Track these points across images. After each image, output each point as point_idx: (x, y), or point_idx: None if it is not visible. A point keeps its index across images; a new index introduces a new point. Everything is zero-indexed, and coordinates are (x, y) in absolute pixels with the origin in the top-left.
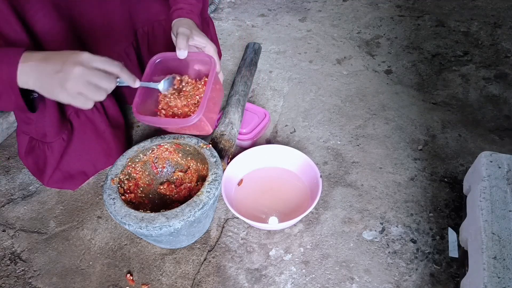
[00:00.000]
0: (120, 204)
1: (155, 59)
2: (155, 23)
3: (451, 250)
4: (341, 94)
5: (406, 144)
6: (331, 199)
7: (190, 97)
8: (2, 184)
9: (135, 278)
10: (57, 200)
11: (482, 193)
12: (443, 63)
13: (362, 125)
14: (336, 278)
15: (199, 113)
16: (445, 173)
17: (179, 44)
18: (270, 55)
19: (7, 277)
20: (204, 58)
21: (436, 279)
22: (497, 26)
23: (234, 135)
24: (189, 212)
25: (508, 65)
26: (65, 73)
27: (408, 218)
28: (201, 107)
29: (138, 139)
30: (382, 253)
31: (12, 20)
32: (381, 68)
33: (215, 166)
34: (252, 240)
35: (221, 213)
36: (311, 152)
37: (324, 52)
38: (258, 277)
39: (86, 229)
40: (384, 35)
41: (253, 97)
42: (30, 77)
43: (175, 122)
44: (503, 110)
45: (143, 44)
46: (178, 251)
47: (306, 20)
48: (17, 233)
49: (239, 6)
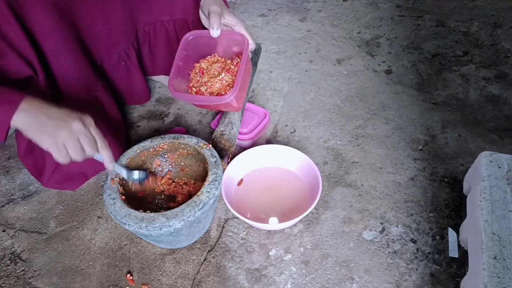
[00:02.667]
0: (120, 204)
1: (187, 36)
2: (157, 23)
3: (451, 250)
4: (341, 94)
5: (406, 144)
6: (331, 199)
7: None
8: (2, 184)
9: (135, 278)
10: (57, 200)
11: (482, 193)
12: (443, 63)
13: (362, 125)
14: (336, 278)
15: (233, 93)
16: (445, 173)
17: (212, 23)
18: (270, 55)
19: (7, 277)
20: (237, 37)
21: (436, 279)
22: (497, 26)
23: (234, 135)
24: (189, 212)
25: (508, 65)
26: (65, 122)
27: (408, 218)
28: (234, 88)
29: (138, 139)
30: (382, 253)
31: (11, 20)
32: (381, 68)
33: (215, 166)
34: (252, 240)
35: (221, 213)
36: (311, 152)
37: (324, 52)
38: (258, 277)
39: (86, 229)
40: (384, 35)
41: (253, 97)
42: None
43: (209, 100)
44: (503, 110)
45: (144, 44)
46: (178, 251)
47: (306, 20)
48: (17, 233)
49: (239, 6)
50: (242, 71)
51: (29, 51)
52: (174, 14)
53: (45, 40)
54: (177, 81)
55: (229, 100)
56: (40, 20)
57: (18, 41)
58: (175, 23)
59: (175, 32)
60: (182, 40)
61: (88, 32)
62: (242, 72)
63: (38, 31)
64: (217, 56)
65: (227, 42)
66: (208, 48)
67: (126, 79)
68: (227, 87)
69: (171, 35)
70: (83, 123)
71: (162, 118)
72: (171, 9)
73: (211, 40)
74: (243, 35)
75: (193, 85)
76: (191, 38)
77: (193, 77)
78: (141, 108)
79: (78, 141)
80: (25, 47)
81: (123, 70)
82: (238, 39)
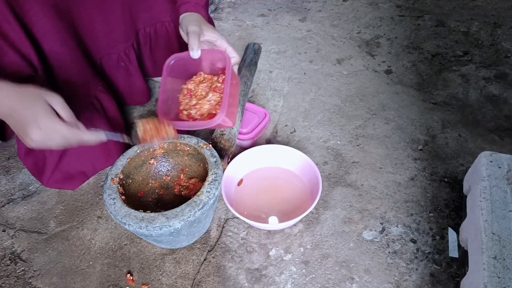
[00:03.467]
0: (120, 204)
1: (169, 61)
2: (158, 24)
3: (451, 250)
4: (341, 94)
5: (406, 144)
6: (331, 199)
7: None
8: (2, 184)
9: (135, 278)
10: (57, 200)
11: (482, 193)
12: (443, 63)
13: (362, 125)
14: (336, 278)
15: (222, 114)
16: (445, 173)
17: (191, 44)
18: (270, 55)
19: (7, 277)
20: (217, 55)
21: (436, 279)
22: (497, 26)
23: (234, 135)
24: (189, 212)
25: (508, 65)
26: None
27: (408, 218)
28: (222, 108)
29: None
30: (382, 253)
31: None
32: (381, 68)
33: (215, 166)
34: (252, 240)
35: (221, 213)
36: (311, 152)
37: (324, 52)
38: (258, 277)
39: (86, 229)
40: (384, 35)
41: (253, 97)
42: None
43: (198, 125)
44: (503, 110)
45: (145, 45)
46: (178, 251)
47: (306, 20)
48: (17, 233)
49: (239, 6)
50: (228, 88)
51: (29, 51)
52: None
53: (44, 39)
54: (166, 105)
55: (219, 122)
56: (39, 20)
57: (18, 41)
58: (176, 24)
59: (176, 33)
60: (164, 65)
61: (87, 32)
62: (228, 90)
63: (38, 30)
64: (202, 74)
65: (210, 59)
66: (193, 68)
67: (126, 80)
68: (217, 106)
69: (172, 36)
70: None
71: None
72: (171, 10)
73: (195, 60)
74: (223, 52)
75: (184, 108)
76: (173, 62)
77: (182, 100)
78: (141, 108)
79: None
80: (25, 46)
81: (122, 71)
82: (219, 57)
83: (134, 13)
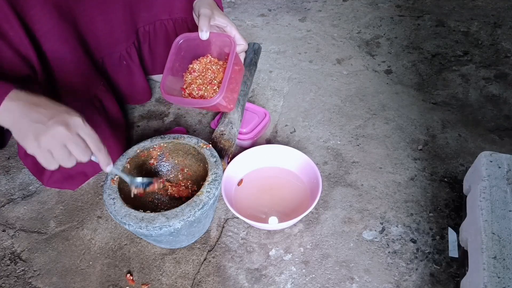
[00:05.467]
0: (120, 204)
1: (178, 40)
2: (157, 22)
3: (451, 250)
4: (341, 94)
5: (406, 144)
6: (331, 199)
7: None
8: (2, 184)
9: (135, 278)
10: (57, 200)
11: (482, 193)
12: (443, 63)
13: (362, 125)
14: (336, 278)
15: (220, 95)
16: (445, 173)
17: (201, 25)
18: (270, 55)
19: (7, 277)
20: (224, 39)
21: (436, 279)
22: (497, 26)
23: (234, 134)
24: (189, 212)
25: (508, 65)
26: (46, 127)
27: (408, 218)
28: (221, 90)
29: (138, 139)
30: (382, 253)
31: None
32: (381, 68)
33: (215, 166)
34: (252, 240)
35: (221, 213)
36: (311, 152)
37: (324, 52)
38: (258, 277)
39: (86, 229)
40: (384, 35)
41: (253, 97)
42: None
43: (197, 103)
44: (503, 110)
45: (145, 43)
46: (178, 251)
47: (306, 20)
48: (17, 233)
49: (239, 6)
50: (229, 72)
51: (29, 50)
52: (173, 13)
53: (45, 39)
54: (170, 83)
55: (216, 102)
56: (40, 20)
57: (18, 40)
58: (175, 22)
59: (175, 31)
60: (173, 43)
61: (88, 32)
62: (229, 73)
63: (38, 30)
64: (209, 56)
65: (219, 43)
66: (201, 50)
67: (128, 79)
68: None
69: (171, 34)
70: (68, 126)
71: (162, 118)
72: (170, 8)
73: (204, 42)
74: (230, 36)
75: (187, 86)
76: (182, 41)
77: (186, 78)
78: (141, 108)
79: (63, 147)
80: (25, 46)
81: (124, 70)
82: (226, 41)
83: (135, 12)
